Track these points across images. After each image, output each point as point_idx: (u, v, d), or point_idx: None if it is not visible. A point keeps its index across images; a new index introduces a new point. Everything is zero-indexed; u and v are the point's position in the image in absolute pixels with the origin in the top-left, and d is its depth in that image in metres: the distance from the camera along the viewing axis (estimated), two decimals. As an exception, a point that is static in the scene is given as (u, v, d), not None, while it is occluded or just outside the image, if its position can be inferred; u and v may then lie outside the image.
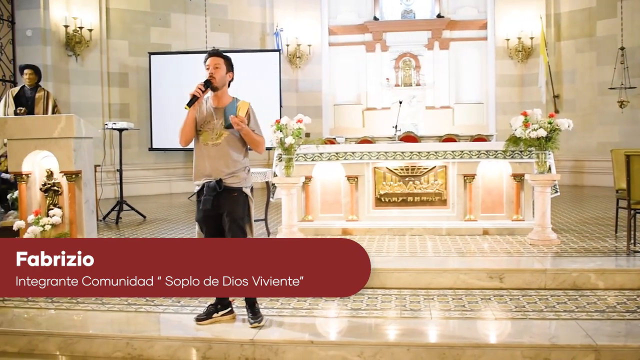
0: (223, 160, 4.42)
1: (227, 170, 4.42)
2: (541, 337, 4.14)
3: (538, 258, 5.87)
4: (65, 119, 5.87)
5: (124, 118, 12.82)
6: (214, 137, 4.45)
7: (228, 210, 4.41)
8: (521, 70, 14.37)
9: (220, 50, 4.65)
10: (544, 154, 6.50)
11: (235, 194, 4.45)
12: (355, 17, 15.26)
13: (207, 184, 4.41)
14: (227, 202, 4.41)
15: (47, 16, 12.01)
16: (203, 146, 4.48)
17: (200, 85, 4.38)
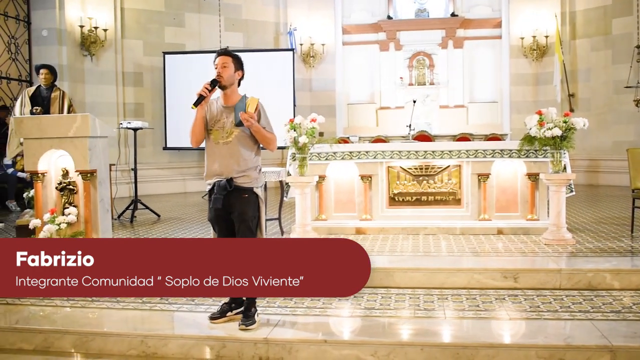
0: (234, 158, 4.42)
1: (237, 169, 4.41)
2: (556, 338, 4.12)
3: (553, 258, 5.84)
4: (81, 118, 5.91)
5: (139, 117, 12.89)
6: (224, 136, 4.45)
7: (238, 212, 4.41)
8: (536, 69, 14.29)
9: (228, 49, 4.66)
10: (559, 153, 6.47)
11: (246, 195, 4.43)
12: (368, 16, 15.23)
13: (217, 183, 4.41)
14: (237, 202, 4.41)
15: (62, 16, 12.09)
16: (214, 145, 4.49)
17: (206, 85, 4.40)
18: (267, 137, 4.50)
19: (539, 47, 14.09)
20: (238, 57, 4.57)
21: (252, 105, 4.39)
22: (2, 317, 4.82)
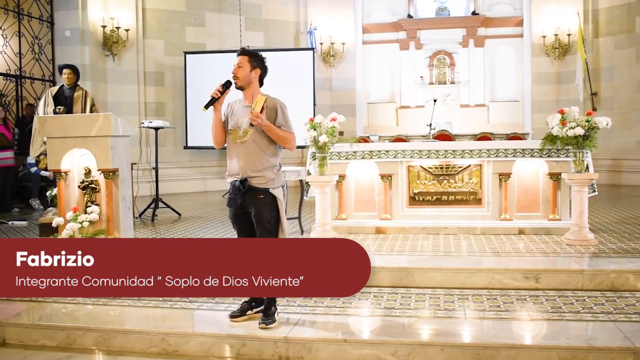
0: (249, 158, 4.40)
1: (252, 168, 4.39)
2: (578, 339, 4.08)
3: (575, 258, 5.78)
4: (103, 117, 5.96)
5: (160, 116, 12.99)
6: (240, 135, 4.44)
7: (254, 212, 4.41)
8: (558, 68, 14.17)
9: (245, 48, 4.64)
10: (582, 153, 6.40)
11: (261, 195, 4.40)
12: (389, 15, 15.19)
13: (232, 183, 4.43)
14: (252, 203, 4.40)
15: (85, 17, 12.21)
16: (232, 145, 4.50)
17: (218, 87, 4.42)
18: (281, 135, 4.43)
19: (561, 46, 13.96)
20: (254, 54, 4.53)
21: (258, 104, 4.35)
22: (26, 314, 4.88)
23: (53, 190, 7.33)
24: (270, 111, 4.41)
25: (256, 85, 4.54)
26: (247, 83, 4.48)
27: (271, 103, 4.45)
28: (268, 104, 4.40)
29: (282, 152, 4.63)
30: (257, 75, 4.53)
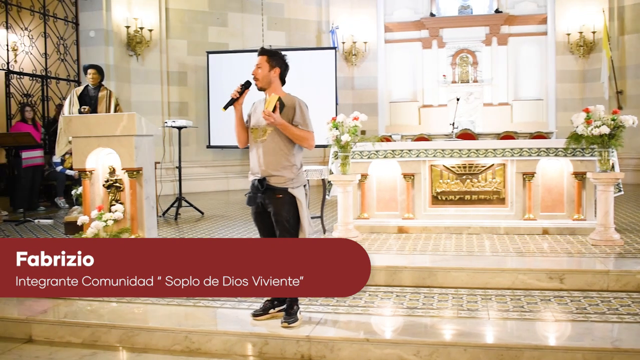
0: (268, 157, 4.40)
1: (271, 167, 4.39)
2: (603, 341, 4.03)
3: (600, 259, 5.72)
4: (127, 117, 6.01)
5: (183, 116, 13.09)
6: (260, 134, 4.45)
7: (273, 211, 4.42)
8: (582, 66, 14.01)
9: (265, 48, 4.61)
10: (607, 152, 6.33)
11: (280, 195, 4.39)
12: (411, 13, 15.15)
13: (252, 182, 4.44)
14: (271, 202, 4.41)
15: (109, 17, 12.33)
16: (253, 144, 4.51)
17: (238, 87, 4.43)
18: (297, 134, 4.39)
19: (585, 43, 13.80)
20: (273, 53, 4.52)
21: (271, 103, 4.33)
22: (52, 311, 4.94)
23: (78, 189, 7.42)
24: (288, 109, 4.40)
25: (277, 84, 4.52)
26: (268, 83, 4.47)
27: (290, 101, 4.43)
28: (286, 103, 4.39)
29: (303, 151, 4.62)
30: (277, 74, 4.51)
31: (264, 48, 4.61)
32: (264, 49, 4.59)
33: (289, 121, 4.37)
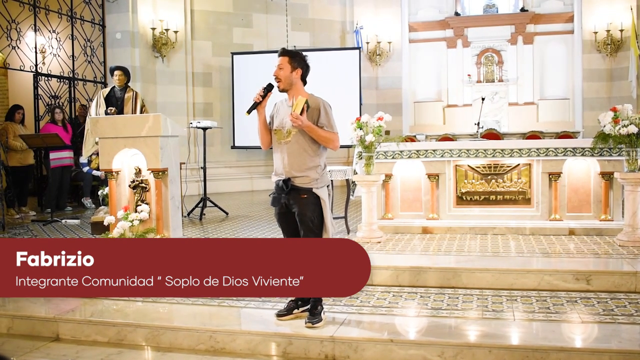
0: (293, 158, 4.42)
1: (296, 168, 4.41)
2: (631, 343, 3.98)
3: (628, 260, 5.64)
4: (153, 118, 6.07)
5: (208, 117, 13.16)
6: (284, 135, 4.46)
7: (298, 212, 4.43)
8: (610, 64, 13.82)
9: (286, 49, 4.59)
10: (635, 152, 6.24)
11: (304, 195, 4.41)
12: (435, 13, 15.07)
13: (276, 183, 4.45)
14: (296, 202, 4.42)
15: (135, 19, 12.45)
16: (277, 145, 4.52)
17: (260, 91, 4.42)
18: (323, 135, 4.40)
19: (613, 42, 13.61)
20: (295, 54, 4.51)
21: (298, 105, 4.33)
22: (78, 310, 5.01)
23: (104, 190, 7.51)
24: (312, 111, 4.41)
25: (299, 85, 4.52)
26: (290, 84, 4.47)
27: (314, 103, 4.43)
28: (310, 104, 4.39)
29: (327, 151, 4.62)
30: (299, 75, 4.50)
31: (285, 49, 4.59)
32: (285, 49, 4.57)
33: (314, 122, 4.38)
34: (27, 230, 8.38)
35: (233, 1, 13.92)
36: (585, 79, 14.05)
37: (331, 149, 4.53)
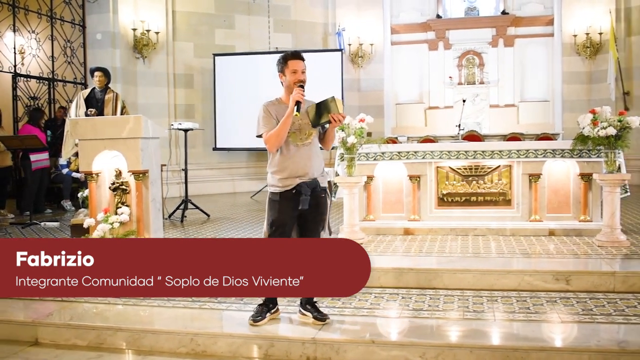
0: (315, 160, 4.47)
1: (317, 169, 4.48)
2: (609, 342, 4.02)
3: (606, 260, 5.70)
4: (134, 119, 6.04)
5: (189, 118, 13.09)
6: (303, 138, 4.44)
7: (317, 211, 4.48)
8: (589, 67, 13.95)
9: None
10: (614, 153, 6.31)
11: (323, 195, 4.52)
12: (417, 15, 15.12)
13: (305, 184, 4.38)
14: (318, 202, 4.47)
15: (116, 20, 12.39)
16: (293, 147, 4.43)
17: (301, 91, 4.32)
18: (334, 135, 4.70)
19: (592, 45, 13.75)
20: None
21: (340, 106, 4.29)
22: (57, 313, 4.96)
23: (84, 192, 7.43)
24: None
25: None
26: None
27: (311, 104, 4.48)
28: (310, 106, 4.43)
29: None
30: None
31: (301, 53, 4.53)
32: (302, 54, 4.53)
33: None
34: (5, 233, 8.29)
35: (215, 2, 13.88)
36: (565, 82, 14.18)
37: (327, 149, 4.68)
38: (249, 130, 13.28)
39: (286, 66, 4.45)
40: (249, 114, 12.38)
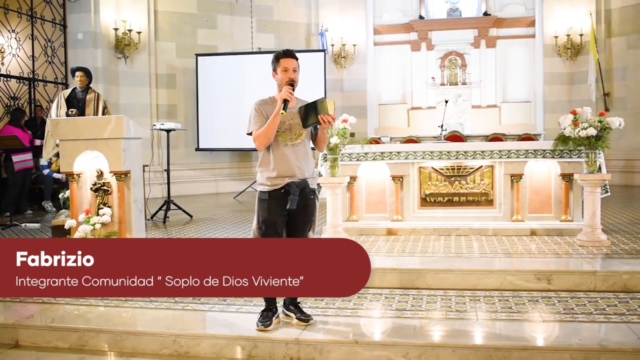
0: (304, 160, 4.43)
1: (308, 170, 4.44)
2: (591, 340, 4.06)
3: (587, 259, 5.75)
4: (115, 120, 6.00)
5: (172, 119, 13.04)
6: (293, 137, 4.40)
7: (305, 212, 4.44)
8: (570, 68, 14.09)
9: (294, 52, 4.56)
10: (594, 153, 6.37)
11: (312, 196, 4.48)
12: (400, 16, 15.17)
13: (294, 184, 4.34)
14: (307, 203, 4.43)
15: (97, 20, 12.30)
16: (283, 147, 4.39)
17: (290, 90, 4.32)
18: (327, 137, 4.63)
19: (573, 46, 13.88)
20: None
21: (331, 107, 4.25)
22: (39, 315, 4.91)
23: (65, 193, 7.37)
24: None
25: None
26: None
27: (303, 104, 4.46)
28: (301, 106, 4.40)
29: None
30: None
31: (294, 52, 4.55)
32: (294, 52, 4.55)
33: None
34: (-15, 234, 8.21)
35: (197, 2, 13.82)
36: (547, 82, 14.30)
37: (320, 150, 4.64)
38: (232, 131, 13.28)
39: (278, 64, 4.45)
40: (232, 114, 12.44)
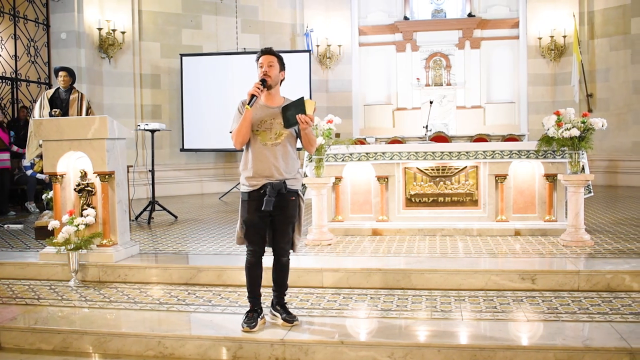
0: (284, 161, 4.35)
1: (288, 171, 4.36)
2: (574, 340, 4.08)
3: (571, 259, 5.79)
4: (99, 120, 5.96)
5: (156, 119, 13.00)
6: (272, 137, 4.35)
7: (286, 214, 4.38)
8: (554, 69, 14.20)
9: (272, 49, 4.55)
10: (577, 154, 6.41)
11: (293, 197, 4.41)
12: (385, 17, 15.23)
13: (271, 185, 4.29)
14: (285, 205, 4.36)
15: (81, 19, 12.21)
16: (262, 146, 4.34)
17: (258, 85, 4.29)
18: (313, 138, 4.46)
19: (556, 47, 14.00)
20: (281, 57, 4.52)
21: (309, 107, 4.22)
22: (22, 317, 4.87)
23: (49, 193, 7.32)
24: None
25: (279, 87, 4.52)
26: (275, 83, 4.44)
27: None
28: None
29: None
30: (282, 78, 4.53)
31: (271, 49, 4.53)
32: (272, 49, 4.53)
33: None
34: (-33, 235, 8.12)
35: (182, 2, 13.78)
36: (530, 83, 14.41)
37: (310, 152, 4.57)
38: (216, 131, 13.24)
39: (258, 63, 4.45)
40: (217, 114, 12.41)
